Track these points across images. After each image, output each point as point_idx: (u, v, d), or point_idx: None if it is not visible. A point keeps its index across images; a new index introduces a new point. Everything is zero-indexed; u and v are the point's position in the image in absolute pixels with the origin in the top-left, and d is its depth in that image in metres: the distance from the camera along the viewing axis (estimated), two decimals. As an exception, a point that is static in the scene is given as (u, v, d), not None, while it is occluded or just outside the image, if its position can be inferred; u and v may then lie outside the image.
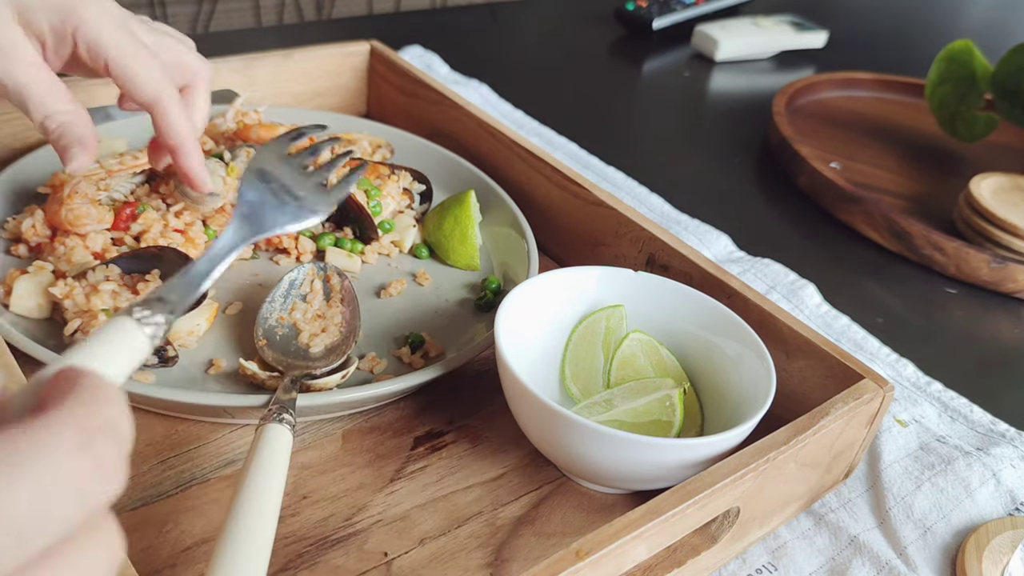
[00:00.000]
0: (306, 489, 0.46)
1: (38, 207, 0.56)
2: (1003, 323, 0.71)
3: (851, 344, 0.64)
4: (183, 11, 1.15)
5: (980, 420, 0.58)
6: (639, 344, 0.52)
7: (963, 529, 0.50)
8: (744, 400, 0.47)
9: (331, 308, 0.53)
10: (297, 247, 0.60)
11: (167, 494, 0.44)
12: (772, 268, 0.70)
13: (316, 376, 0.48)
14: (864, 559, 0.47)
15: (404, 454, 0.49)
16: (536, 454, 0.50)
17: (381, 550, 0.43)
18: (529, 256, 0.60)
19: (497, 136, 0.69)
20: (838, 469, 0.50)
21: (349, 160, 0.62)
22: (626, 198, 0.79)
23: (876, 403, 0.47)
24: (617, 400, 0.49)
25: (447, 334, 0.56)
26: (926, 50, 1.03)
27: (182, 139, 0.49)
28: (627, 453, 0.42)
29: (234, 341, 0.53)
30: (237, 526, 0.35)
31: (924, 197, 0.86)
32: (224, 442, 0.48)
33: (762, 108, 1.00)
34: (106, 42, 0.45)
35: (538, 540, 0.45)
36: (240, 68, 0.74)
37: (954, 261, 0.73)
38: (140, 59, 0.47)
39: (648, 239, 0.58)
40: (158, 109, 0.47)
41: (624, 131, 0.95)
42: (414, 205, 0.66)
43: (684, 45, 1.18)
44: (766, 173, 0.89)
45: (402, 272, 0.62)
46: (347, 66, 0.81)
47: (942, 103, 0.91)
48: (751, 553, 0.47)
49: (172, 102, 0.48)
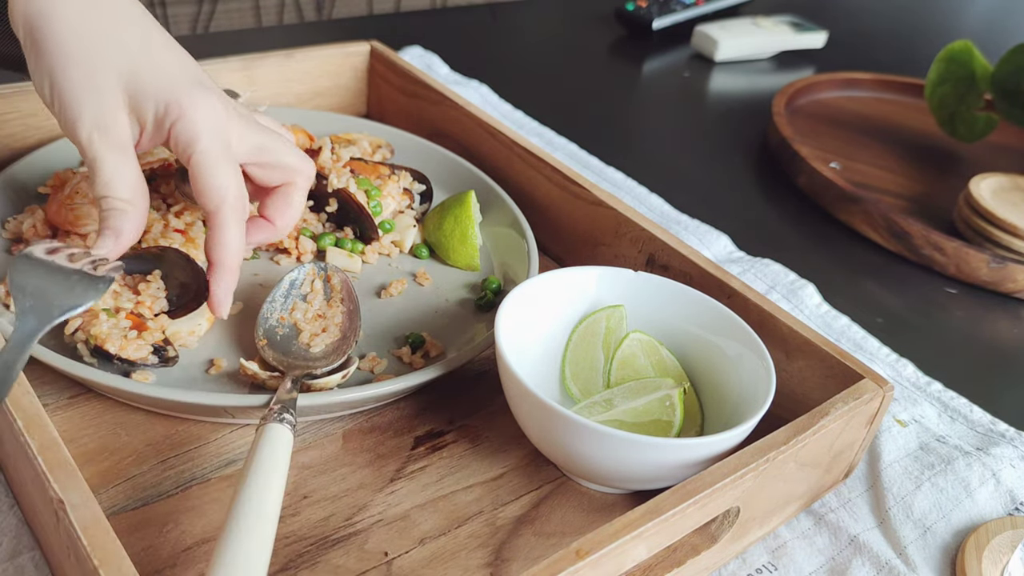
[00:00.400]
0: (306, 489, 0.46)
1: (38, 207, 0.56)
2: (1003, 323, 0.71)
3: (851, 344, 0.64)
4: (183, 11, 1.15)
5: (980, 420, 0.58)
6: (639, 344, 0.52)
7: (963, 529, 0.50)
8: (744, 400, 0.47)
9: (331, 308, 0.53)
10: (298, 247, 0.60)
11: (167, 494, 0.44)
12: (772, 268, 0.70)
13: (316, 376, 0.48)
14: (864, 559, 0.47)
15: (404, 454, 0.49)
16: (536, 454, 0.50)
17: (381, 550, 0.43)
18: (529, 256, 0.60)
19: (497, 136, 0.69)
20: (838, 469, 0.50)
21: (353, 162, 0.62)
22: (626, 198, 0.79)
23: (876, 403, 0.47)
24: (617, 400, 0.49)
25: (447, 334, 0.56)
26: (926, 50, 1.03)
27: (222, 259, 0.47)
28: (627, 453, 0.42)
29: (235, 341, 0.53)
30: (237, 526, 0.35)
31: (924, 197, 0.86)
32: (224, 442, 0.48)
33: (762, 108, 1.00)
34: (196, 146, 0.45)
35: (538, 540, 0.45)
36: (240, 68, 0.74)
37: (954, 261, 0.74)
38: (219, 168, 0.46)
39: (648, 239, 0.58)
40: (215, 221, 0.47)
41: (624, 131, 0.95)
42: (414, 205, 0.66)
43: (684, 45, 1.18)
44: (766, 173, 0.89)
45: (402, 272, 0.62)
46: (347, 66, 0.81)
47: (942, 103, 0.91)
48: (751, 553, 0.47)
49: (229, 220, 0.47)
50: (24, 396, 0.39)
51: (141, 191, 0.46)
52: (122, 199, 0.45)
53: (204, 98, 0.45)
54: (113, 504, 0.43)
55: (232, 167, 0.47)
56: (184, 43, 0.49)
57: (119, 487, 0.44)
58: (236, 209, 0.47)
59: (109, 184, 0.45)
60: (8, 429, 0.39)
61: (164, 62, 0.46)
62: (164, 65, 0.46)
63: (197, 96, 0.45)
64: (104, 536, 0.33)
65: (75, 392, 0.49)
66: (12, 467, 0.42)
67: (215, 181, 0.46)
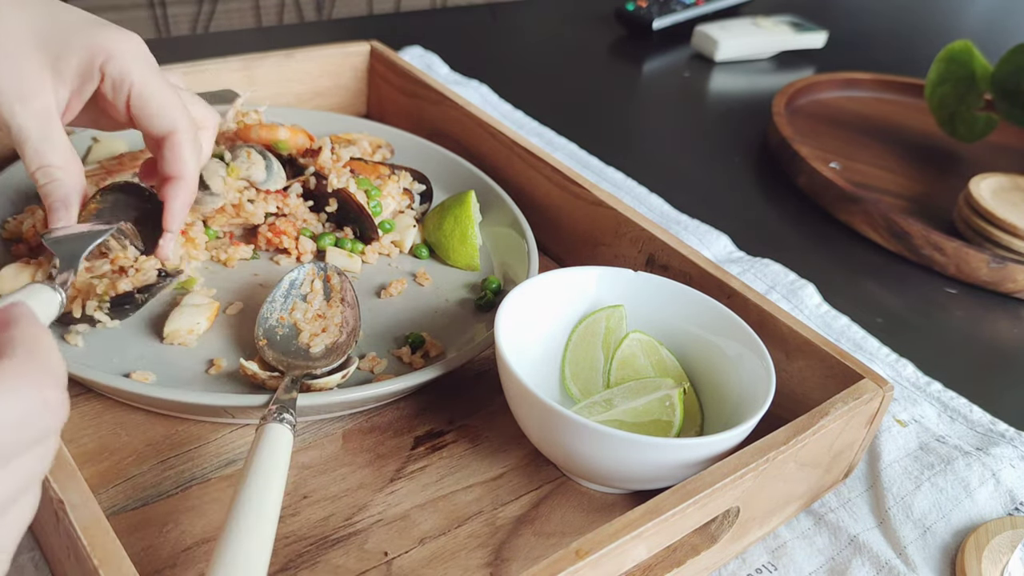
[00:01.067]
0: (306, 489, 0.46)
1: (38, 207, 0.56)
2: (1003, 323, 0.71)
3: (851, 344, 0.64)
4: (183, 11, 1.15)
5: (980, 420, 0.58)
6: (639, 344, 0.52)
7: (963, 529, 0.50)
8: (744, 400, 0.47)
9: (331, 308, 0.53)
10: (297, 247, 0.60)
11: (167, 494, 0.44)
12: (772, 268, 0.70)
13: (316, 376, 0.48)
14: (864, 559, 0.47)
15: (404, 454, 0.49)
16: (536, 454, 0.50)
17: (381, 550, 0.43)
18: (529, 256, 0.60)
19: (497, 136, 0.69)
20: (838, 469, 0.50)
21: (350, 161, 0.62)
22: (626, 198, 0.79)
23: (876, 403, 0.47)
24: (617, 400, 0.49)
25: (447, 334, 0.56)
26: (926, 50, 1.03)
27: (183, 173, 0.49)
28: (627, 453, 0.42)
29: (234, 341, 0.53)
30: (237, 526, 0.35)
31: (924, 197, 0.86)
32: (224, 442, 0.48)
33: (762, 108, 1.00)
34: (132, 77, 0.46)
35: (538, 540, 0.45)
36: (240, 68, 0.74)
37: (954, 261, 0.74)
38: (163, 90, 0.47)
39: (648, 239, 0.58)
40: (173, 140, 0.48)
41: (624, 131, 0.95)
42: (414, 205, 0.66)
43: (684, 45, 1.18)
44: (766, 173, 0.89)
45: (402, 272, 0.62)
46: (347, 66, 0.81)
47: (942, 103, 0.91)
48: (751, 553, 0.47)
49: (188, 134, 0.48)
50: (24, 396, 0.39)
51: (72, 154, 0.47)
52: (55, 165, 0.46)
53: (121, 34, 0.46)
54: (113, 504, 0.43)
55: (172, 87, 0.48)
56: (184, 43, 0.50)
57: (119, 487, 0.44)
58: (190, 126, 0.48)
59: (39, 153, 0.45)
60: (8, 429, 0.39)
61: (68, 15, 0.47)
62: (69, 18, 0.46)
63: (115, 34, 0.46)
64: (104, 536, 0.33)
65: (75, 392, 0.49)
66: (12, 467, 0.42)
67: (163, 101, 0.47)
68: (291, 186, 0.61)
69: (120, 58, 0.46)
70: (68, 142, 0.47)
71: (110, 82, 0.46)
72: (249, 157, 0.59)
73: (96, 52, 0.45)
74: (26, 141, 0.45)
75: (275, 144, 0.62)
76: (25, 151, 0.45)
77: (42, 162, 0.46)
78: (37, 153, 0.45)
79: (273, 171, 0.60)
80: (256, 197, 0.59)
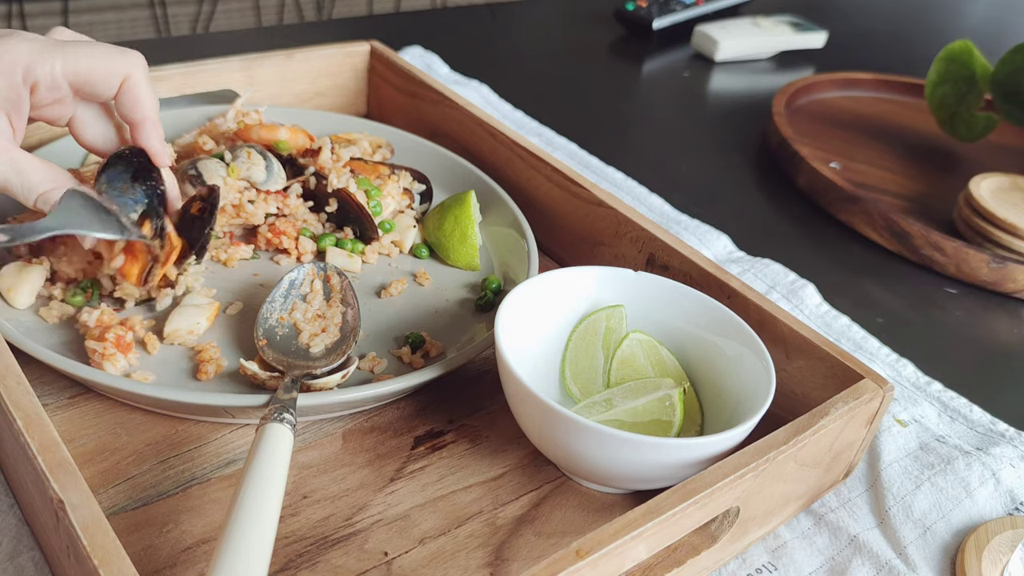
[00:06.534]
0: (306, 489, 0.46)
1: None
2: (1003, 323, 0.71)
3: (851, 344, 0.64)
4: (183, 11, 1.15)
5: (980, 420, 0.58)
6: (639, 344, 0.52)
7: (963, 529, 0.50)
8: (744, 400, 0.47)
9: (331, 308, 0.53)
10: (297, 247, 0.60)
11: (167, 494, 0.44)
12: (772, 268, 0.70)
13: (316, 376, 0.48)
14: (864, 559, 0.47)
15: (404, 454, 0.49)
16: (536, 454, 0.50)
17: (381, 550, 0.43)
18: (529, 256, 0.60)
19: (497, 136, 0.69)
20: (838, 469, 0.50)
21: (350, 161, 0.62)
22: (626, 198, 0.79)
23: (876, 403, 0.47)
24: (617, 400, 0.49)
25: (447, 334, 0.56)
26: (926, 50, 1.03)
27: (146, 114, 0.50)
28: (627, 453, 0.42)
29: (234, 341, 0.53)
30: (237, 526, 0.36)
31: (924, 197, 0.86)
32: (224, 442, 0.48)
33: (762, 108, 1.00)
34: (55, 63, 0.47)
35: (538, 540, 0.45)
36: (240, 68, 0.74)
37: (954, 261, 0.74)
38: (97, 49, 0.48)
39: (648, 239, 0.58)
40: (129, 84, 0.49)
41: (624, 131, 0.95)
42: (414, 205, 0.66)
43: (684, 45, 1.18)
44: (766, 173, 0.89)
45: (402, 272, 0.62)
46: (347, 66, 0.81)
47: (942, 103, 0.91)
48: (751, 553, 0.47)
49: (142, 78, 0.50)
50: (24, 396, 0.39)
51: (51, 168, 0.49)
52: (47, 190, 0.48)
53: (11, 41, 0.46)
54: (113, 504, 0.43)
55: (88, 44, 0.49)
56: (184, 43, 0.50)
57: (119, 487, 0.44)
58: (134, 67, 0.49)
59: (27, 188, 0.47)
60: (8, 429, 0.39)
61: None
62: None
63: (10, 44, 0.46)
64: (104, 536, 0.33)
65: (75, 392, 0.49)
66: (12, 467, 0.42)
67: (92, 64, 0.48)
68: (291, 186, 0.61)
69: (33, 62, 0.46)
70: (39, 160, 0.48)
71: (45, 85, 0.47)
72: (249, 157, 0.59)
73: (10, 70, 0.46)
74: (8, 186, 0.47)
75: (275, 144, 0.62)
76: (15, 194, 0.48)
77: (34, 193, 0.48)
78: (25, 189, 0.47)
79: (273, 171, 0.60)
80: (256, 197, 0.59)
